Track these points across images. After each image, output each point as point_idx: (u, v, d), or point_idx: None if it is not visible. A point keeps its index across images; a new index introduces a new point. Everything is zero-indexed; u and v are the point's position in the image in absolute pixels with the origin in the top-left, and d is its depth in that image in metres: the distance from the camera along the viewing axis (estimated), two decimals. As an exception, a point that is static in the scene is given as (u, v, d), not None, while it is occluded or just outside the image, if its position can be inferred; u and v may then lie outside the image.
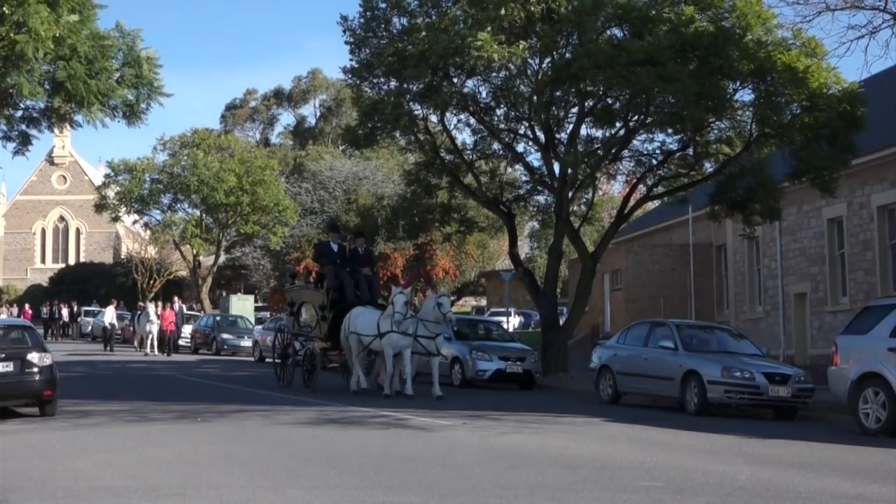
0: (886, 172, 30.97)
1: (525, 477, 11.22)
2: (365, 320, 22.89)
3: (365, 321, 22.88)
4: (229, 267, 68.19)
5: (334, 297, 23.88)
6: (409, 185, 33.49)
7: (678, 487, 10.45)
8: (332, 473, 11.41)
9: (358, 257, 24.71)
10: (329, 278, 23.97)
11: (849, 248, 32.95)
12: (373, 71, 28.01)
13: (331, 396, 22.53)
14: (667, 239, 45.02)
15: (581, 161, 26.23)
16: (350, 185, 51.49)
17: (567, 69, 24.55)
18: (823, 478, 11.32)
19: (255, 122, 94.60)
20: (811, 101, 24.93)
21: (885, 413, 16.27)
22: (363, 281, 24.25)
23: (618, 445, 14.51)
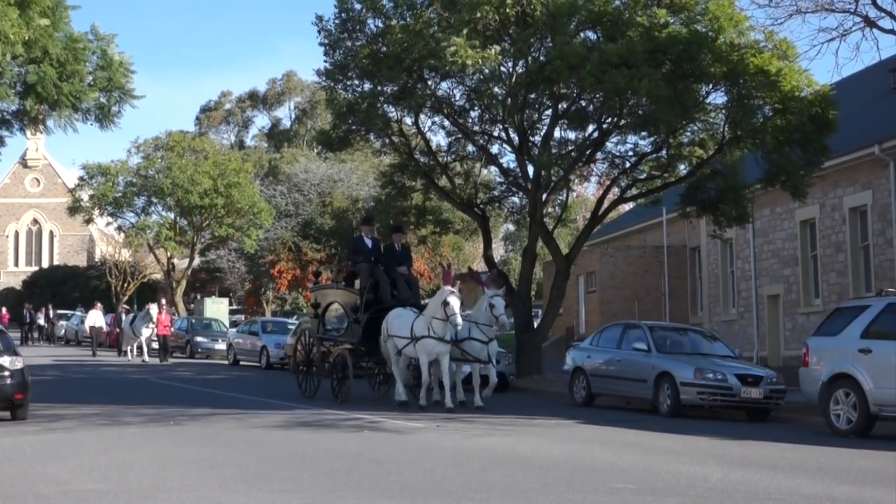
0: (858, 175, 31.17)
1: (497, 479, 11.24)
2: (401, 323, 20.81)
3: (401, 324, 20.80)
4: (204, 270, 67.98)
5: (369, 298, 21.77)
6: (384, 188, 33.46)
7: (649, 489, 10.49)
8: (304, 476, 11.40)
9: (394, 254, 22.47)
10: (363, 277, 21.96)
11: (821, 249, 33.14)
12: (347, 73, 27.93)
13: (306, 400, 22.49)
14: (641, 241, 45.18)
15: (554, 163, 26.25)
16: (325, 188, 51.40)
17: (541, 72, 24.56)
18: (794, 478, 11.38)
19: (230, 125, 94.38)
20: (783, 103, 25.01)
21: (856, 414, 16.39)
22: (401, 280, 22.06)
23: (590, 447, 14.55)
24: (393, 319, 20.96)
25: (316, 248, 46.50)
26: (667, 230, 42.29)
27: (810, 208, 32.88)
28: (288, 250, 47.23)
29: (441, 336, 19.89)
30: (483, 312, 20.37)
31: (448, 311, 19.60)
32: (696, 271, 42.39)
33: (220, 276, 64.89)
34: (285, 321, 43.76)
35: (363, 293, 21.72)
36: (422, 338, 20.06)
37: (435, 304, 20.20)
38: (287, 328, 39.32)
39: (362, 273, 21.94)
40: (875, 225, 30.57)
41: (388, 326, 21.03)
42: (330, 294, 23.71)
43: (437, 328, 19.93)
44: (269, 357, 38.02)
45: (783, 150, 25.99)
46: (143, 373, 33.33)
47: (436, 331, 19.91)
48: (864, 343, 16.32)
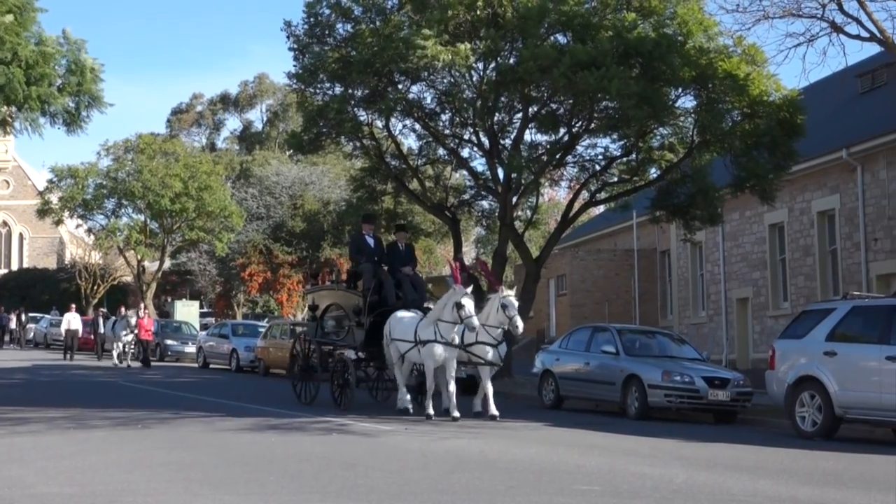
0: (826, 179, 31.44)
1: (464, 481, 11.25)
2: (404, 326, 19.80)
3: (404, 327, 19.79)
4: (175, 273, 67.71)
5: (373, 300, 20.67)
6: (355, 191, 33.44)
7: (614, 491, 10.53)
8: (271, 479, 11.37)
9: (398, 254, 21.42)
10: (366, 278, 20.77)
11: (790, 253, 33.41)
12: (317, 77, 27.91)
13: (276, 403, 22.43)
14: (611, 244, 45.39)
15: (525, 166, 26.30)
16: (296, 191, 51.29)
17: (511, 73, 24.62)
18: (758, 480, 11.45)
19: (202, 127, 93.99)
20: (752, 108, 25.18)
21: (821, 416, 16.52)
22: (406, 281, 21.05)
23: (557, 450, 14.58)
24: (395, 323, 20.02)
25: (287, 250, 46.36)
26: (637, 234, 42.54)
27: (779, 212, 33.14)
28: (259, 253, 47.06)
29: (449, 340, 18.89)
30: (493, 314, 19.12)
31: (463, 313, 18.50)
32: (665, 274, 42.64)
33: (191, 279, 64.66)
34: (255, 324, 43.70)
35: (367, 295, 20.62)
36: (428, 342, 19.04)
37: (444, 305, 19.02)
38: (257, 331, 39.26)
39: (366, 274, 20.82)
40: (843, 229, 30.83)
41: (390, 330, 20.08)
42: (330, 296, 22.47)
43: (444, 331, 18.92)
44: (238, 360, 37.93)
45: (752, 155, 26.16)
46: (112, 376, 33.17)
47: (443, 334, 18.89)
48: (830, 346, 16.44)
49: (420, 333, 19.23)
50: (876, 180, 29.29)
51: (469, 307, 18.52)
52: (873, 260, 29.36)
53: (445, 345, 18.87)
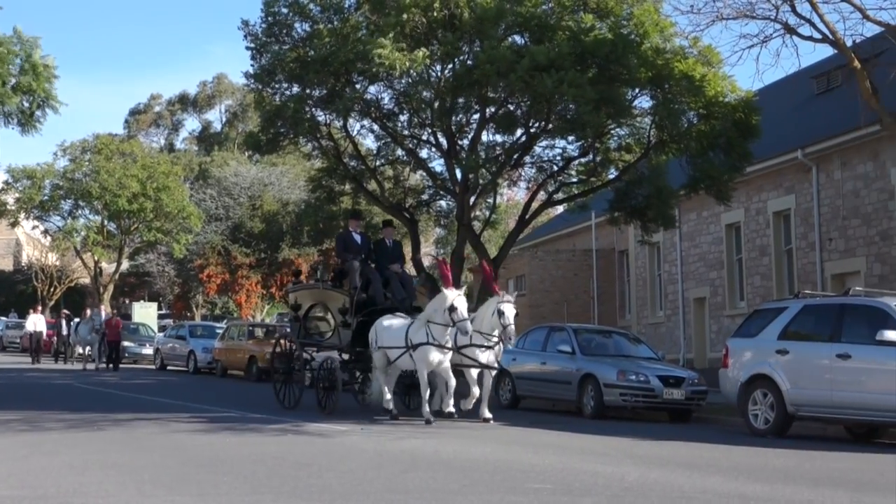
0: (782, 179, 31.70)
1: (417, 481, 11.26)
2: (392, 332, 18.86)
3: (392, 333, 18.85)
4: (133, 274, 67.29)
5: (360, 300, 19.92)
6: (313, 192, 33.39)
7: (566, 489, 10.58)
8: (224, 480, 11.34)
9: (385, 251, 20.71)
10: (353, 276, 20.02)
11: (746, 253, 33.67)
12: (275, 76, 27.86)
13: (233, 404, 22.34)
14: (570, 244, 45.54)
15: (482, 166, 26.38)
16: (255, 191, 51.13)
17: (469, 75, 24.68)
18: (708, 477, 11.54)
19: (160, 128, 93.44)
20: (707, 109, 25.39)
21: (773, 414, 16.68)
22: (394, 279, 20.32)
23: (512, 449, 14.62)
24: (381, 331, 19.07)
25: (245, 251, 46.22)
26: (596, 234, 42.71)
27: (735, 212, 33.39)
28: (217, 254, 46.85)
29: (441, 343, 18.09)
30: (488, 318, 18.46)
31: (455, 316, 17.74)
32: (624, 275, 42.84)
33: (150, 281, 64.30)
34: (213, 325, 43.54)
35: (354, 293, 19.84)
36: (420, 345, 18.15)
37: (435, 307, 18.19)
38: (215, 332, 39.11)
39: (352, 272, 20.06)
40: (798, 229, 31.10)
41: (376, 337, 19.16)
42: (313, 295, 21.56)
43: (436, 334, 18.07)
44: (196, 361, 37.75)
45: (707, 155, 26.36)
46: (67, 378, 32.91)
47: (435, 337, 18.05)
48: (782, 344, 16.59)
49: (412, 337, 18.35)
50: (830, 181, 29.56)
51: (462, 310, 17.83)
52: (828, 259, 29.63)
53: (438, 347, 18.07)
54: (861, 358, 15.58)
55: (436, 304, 18.24)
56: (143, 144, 68.54)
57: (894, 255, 27.03)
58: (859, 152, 28.30)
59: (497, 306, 18.28)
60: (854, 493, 10.21)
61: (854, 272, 28.43)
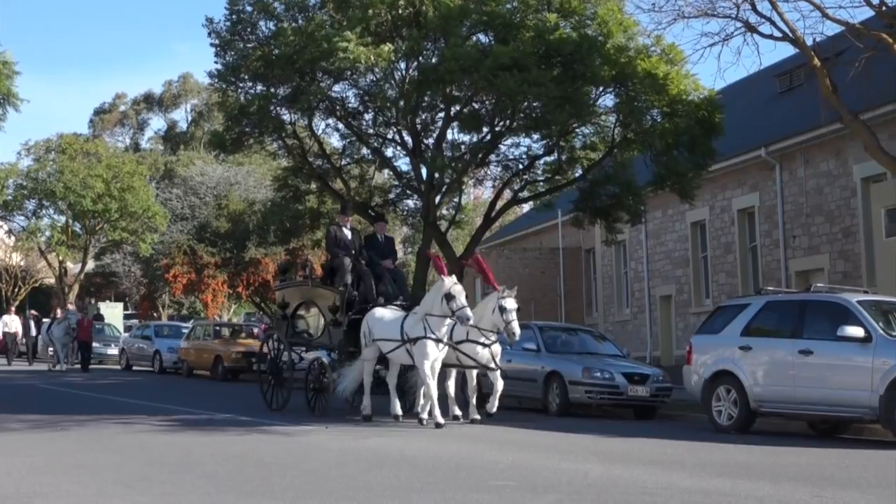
0: (746, 177, 31.91)
1: (380, 479, 11.26)
2: (386, 324, 18.02)
3: (386, 325, 18.01)
4: (99, 274, 66.87)
5: (351, 297, 19.09)
6: (279, 191, 33.30)
7: (530, 486, 10.60)
8: (187, 479, 11.30)
9: (377, 246, 19.87)
10: (343, 272, 19.14)
11: (711, 250, 33.87)
12: (239, 75, 27.76)
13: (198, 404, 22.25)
14: (537, 243, 45.64)
15: (447, 165, 26.39)
16: (221, 191, 50.89)
17: (433, 73, 24.69)
18: (671, 473, 11.59)
19: (125, 127, 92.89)
20: (671, 107, 25.52)
21: (737, 410, 16.78)
22: (386, 276, 19.43)
23: (477, 446, 14.63)
24: (374, 322, 18.23)
25: (211, 251, 46.01)
26: (562, 232, 42.81)
27: (700, 210, 33.58)
28: (183, 254, 46.61)
29: (440, 336, 17.26)
30: (489, 315, 17.61)
31: (454, 305, 16.85)
32: (591, 273, 42.99)
33: (116, 281, 63.93)
34: (179, 325, 43.37)
35: (345, 291, 18.99)
36: (418, 339, 17.29)
37: (432, 299, 17.38)
38: (181, 332, 38.96)
39: (342, 268, 19.15)
40: (762, 226, 31.32)
41: (369, 329, 18.27)
42: (302, 292, 20.67)
43: (434, 327, 17.20)
44: (162, 361, 37.63)
45: (671, 153, 26.48)
46: (33, 379, 32.69)
47: (433, 330, 17.18)
48: (745, 340, 16.67)
49: (408, 331, 17.48)
50: (794, 178, 29.77)
51: (460, 298, 16.96)
52: (792, 257, 29.84)
53: (438, 341, 17.25)
54: (822, 354, 15.68)
55: (433, 294, 17.53)
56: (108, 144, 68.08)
57: (857, 252, 27.24)
58: (822, 150, 28.51)
59: (498, 302, 17.43)
60: (814, 488, 10.27)
61: (818, 269, 28.64)
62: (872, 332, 15.07)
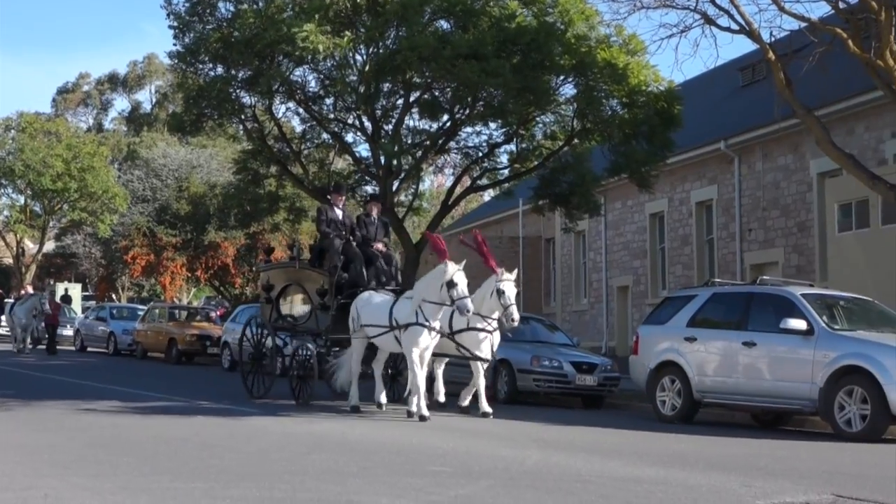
0: (705, 170, 32.07)
1: (318, 462, 11.27)
2: (374, 308, 17.03)
3: (374, 309, 17.01)
4: (59, 255, 66.46)
5: (340, 280, 18.18)
6: (237, 174, 33.18)
7: (466, 471, 10.62)
8: (125, 461, 11.26)
9: (369, 227, 18.87)
10: (333, 254, 18.30)
11: (669, 242, 34.03)
12: (198, 56, 27.62)
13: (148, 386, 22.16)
14: (498, 231, 45.68)
15: (404, 151, 26.38)
16: (183, 173, 50.65)
17: (391, 61, 24.64)
18: (608, 462, 11.65)
19: (88, 107, 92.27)
20: (630, 97, 25.56)
21: (680, 400, 16.89)
22: (377, 259, 18.50)
23: (419, 432, 14.64)
24: (363, 305, 17.30)
25: (171, 233, 45.81)
26: (523, 221, 42.88)
27: (659, 202, 33.74)
28: (142, 236, 46.38)
29: (433, 324, 16.19)
30: (487, 300, 16.83)
31: (454, 293, 15.70)
32: (550, 262, 43.08)
33: (76, 262, 63.56)
34: (135, 307, 43.27)
35: (334, 273, 18.09)
36: (408, 325, 16.19)
37: (430, 284, 16.27)
38: (137, 314, 38.83)
39: (331, 249, 18.30)
40: (720, 219, 31.50)
41: (357, 314, 17.33)
42: (288, 274, 19.84)
43: (429, 314, 16.10)
44: (116, 343, 37.53)
45: (630, 143, 26.55)
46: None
47: (427, 317, 16.07)
48: (690, 332, 16.79)
49: (397, 316, 16.44)
50: (752, 172, 29.94)
51: (462, 286, 15.83)
52: (748, 250, 30.03)
53: (430, 329, 16.16)
54: (765, 346, 15.82)
55: (431, 279, 16.34)
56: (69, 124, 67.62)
57: (811, 247, 27.44)
58: (780, 144, 28.69)
59: (496, 286, 16.68)
60: (745, 478, 10.35)
61: (772, 262, 28.85)
62: (815, 325, 15.21)
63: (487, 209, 50.16)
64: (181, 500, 8.74)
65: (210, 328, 34.21)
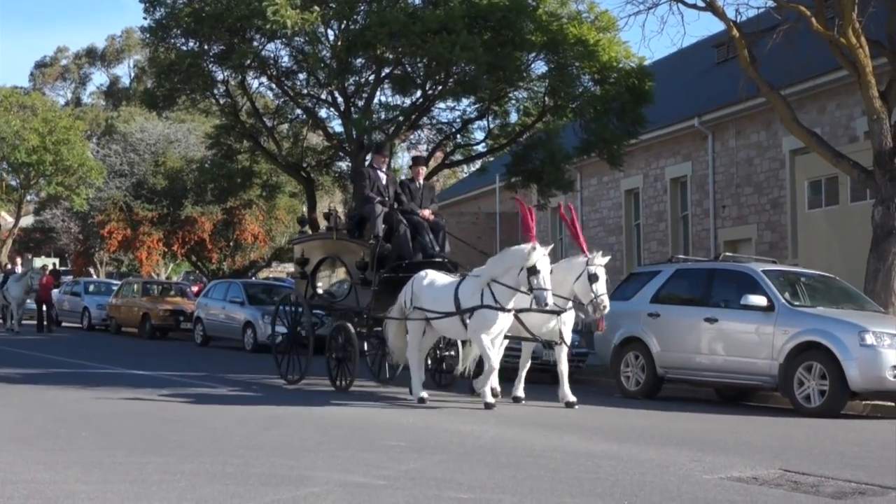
0: (679, 146, 32.12)
1: (276, 437, 11.36)
2: (436, 291, 15.15)
3: (436, 293, 15.14)
4: (38, 230, 66.20)
5: (383, 252, 16.48)
6: (210, 149, 33.12)
7: (420, 446, 10.71)
8: (83, 435, 11.33)
9: (414, 193, 17.00)
10: (375, 223, 16.49)
11: (644, 218, 34.11)
12: (170, 31, 27.50)
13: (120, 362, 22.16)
14: (475, 207, 45.70)
15: (376, 127, 26.36)
16: (160, 148, 50.42)
17: (362, 36, 24.60)
18: (563, 437, 11.73)
19: (67, 82, 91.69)
20: (601, 74, 25.58)
21: (644, 376, 16.98)
22: (423, 228, 16.56)
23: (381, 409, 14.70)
24: (420, 286, 15.36)
25: (148, 207, 45.65)
26: (499, 197, 42.86)
27: (634, 178, 33.79)
28: (119, 210, 46.17)
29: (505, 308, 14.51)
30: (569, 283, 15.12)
31: (536, 281, 14.02)
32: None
33: (54, 237, 63.34)
34: (110, 282, 43.20)
35: (376, 244, 16.39)
36: (477, 308, 14.47)
37: (507, 265, 14.55)
38: (111, 289, 38.79)
39: (373, 217, 16.48)
40: (693, 195, 31.57)
41: (412, 296, 15.42)
42: (324, 247, 18.15)
43: (500, 297, 14.42)
44: (90, 318, 37.54)
45: (602, 120, 26.57)
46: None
47: (498, 300, 14.40)
48: (653, 307, 16.88)
49: (464, 299, 14.69)
50: (726, 149, 30.01)
51: (545, 274, 14.14)
52: (721, 226, 30.12)
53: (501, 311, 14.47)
54: (727, 322, 15.92)
55: (508, 260, 14.62)
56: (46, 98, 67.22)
57: (784, 224, 27.54)
58: (753, 121, 28.74)
59: (588, 269, 14.91)
60: (697, 452, 10.45)
61: (746, 239, 28.95)
62: (775, 301, 15.31)
63: (464, 186, 50.18)
64: (133, 474, 8.81)
65: (184, 303, 34.17)
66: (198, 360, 24.29)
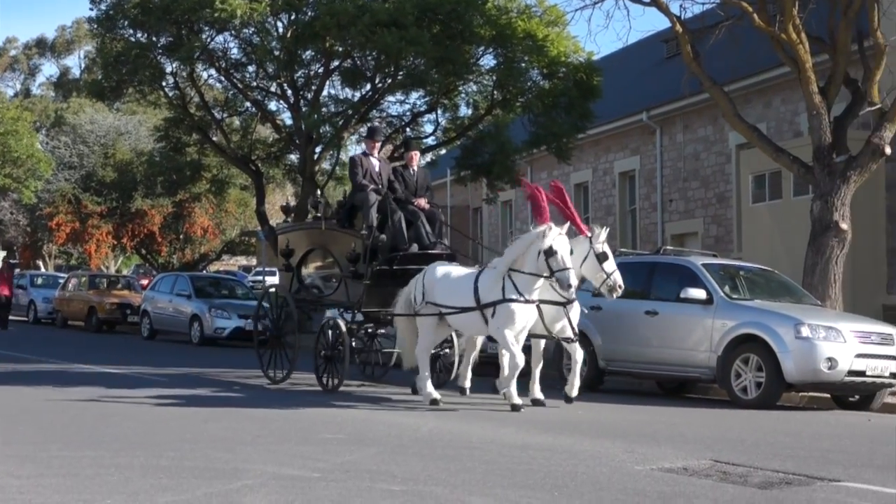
0: (628, 141, 32.33)
1: (214, 431, 11.32)
2: (454, 285, 14.23)
3: (453, 286, 14.21)
4: (-16, 223, 65.59)
5: (377, 243, 15.41)
6: (158, 142, 32.96)
7: (358, 439, 10.73)
8: (20, 430, 11.24)
9: (408, 180, 16.09)
10: (368, 211, 15.43)
11: (593, 212, 34.25)
12: (116, 22, 27.33)
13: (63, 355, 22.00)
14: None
15: (325, 120, 26.35)
16: (110, 140, 50.06)
17: (311, 27, 24.58)
18: (501, 429, 11.78)
19: (16, 73, 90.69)
20: (550, 68, 25.75)
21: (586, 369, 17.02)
22: (419, 217, 15.71)
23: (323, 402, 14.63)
24: (433, 279, 14.45)
25: (97, 200, 45.36)
26: (451, 191, 42.95)
27: (584, 172, 33.96)
28: (67, 203, 45.84)
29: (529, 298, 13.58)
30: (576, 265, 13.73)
31: (554, 263, 13.16)
32: (478, 231, 43.22)
33: (2, 229, 62.74)
34: (56, 275, 42.91)
35: (369, 234, 15.26)
36: (499, 302, 13.54)
37: (522, 250, 13.65)
38: (58, 282, 38.52)
39: (366, 205, 15.42)
40: (641, 189, 31.79)
41: (423, 290, 14.49)
42: (312, 236, 17.03)
43: (522, 286, 13.53)
44: (36, 311, 37.31)
45: (550, 115, 26.72)
46: None
47: (521, 291, 13.48)
48: (595, 300, 16.95)
49: (483, 293, 13.79)
50: (673, 143, 30.23)
51: (564, 254, 13.24)
52: (668, 220, 30.36)
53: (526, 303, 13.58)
54: (667, 314, 16.07)
55: (524, 245, 13.71)
56: (-5, 89, 66.56)
57: (729, 218, 27.80)
58: (700, 116, 28.99)
59: (595, 248, 14.05)
60: (631, 444, 10.54)
61: (692, 233, 29.21)
62: (714, 294, 15.48)
63: (416, 178, 50.22)
64: (67, 468, 8.75)
65: (131, 297, 33.97)
66: (143, 353, 24.17)
